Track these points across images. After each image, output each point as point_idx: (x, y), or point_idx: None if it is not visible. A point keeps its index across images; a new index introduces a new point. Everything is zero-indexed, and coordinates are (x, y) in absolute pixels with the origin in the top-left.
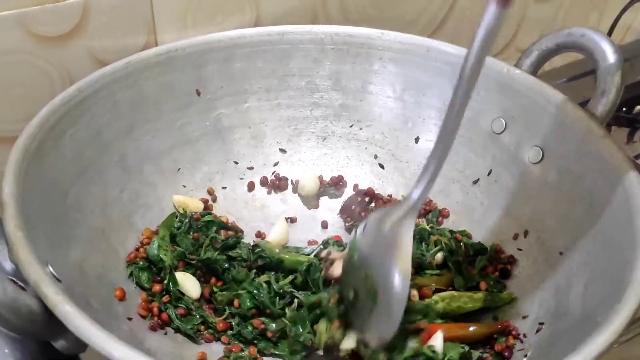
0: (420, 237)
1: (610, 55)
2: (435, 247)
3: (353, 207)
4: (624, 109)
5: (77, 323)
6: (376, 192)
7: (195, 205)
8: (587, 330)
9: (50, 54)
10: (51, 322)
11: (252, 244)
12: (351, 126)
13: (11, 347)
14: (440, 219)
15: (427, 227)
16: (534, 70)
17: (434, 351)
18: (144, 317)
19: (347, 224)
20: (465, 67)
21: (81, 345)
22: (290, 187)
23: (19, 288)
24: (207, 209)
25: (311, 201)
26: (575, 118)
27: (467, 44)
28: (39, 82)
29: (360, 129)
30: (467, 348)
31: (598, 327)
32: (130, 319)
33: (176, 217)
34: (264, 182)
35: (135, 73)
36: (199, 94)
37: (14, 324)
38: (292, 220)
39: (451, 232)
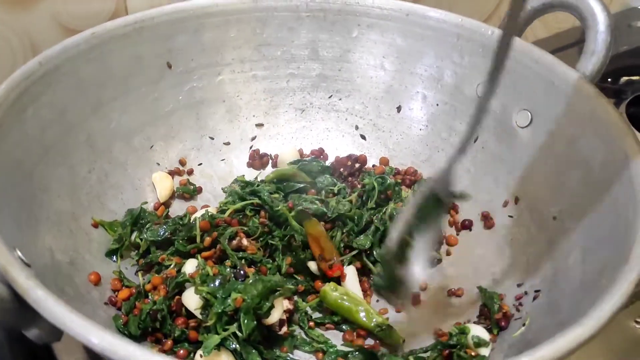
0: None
1: (599, 13)
2: None
3: (341, 169)
4: (609, 79)
5: (51, 308)
6: None
7: (169, 184)
8: (592, 295)
9: (13, 19)
10: (22, 309)
11: None
12: (330, 97)
13: None
14: None
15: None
16: (520, 32)
17: None
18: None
19: None
20: None
21: (56, 334)
22: (269, 162)
23: None
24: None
25: None
26: (564, 78)
27: (449, 7)
28: (0, 51)
29: (340, 99)
30: None
31: (605, 290)
32: (107, 304)
33: None
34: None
35: (101, 45)
36: (170, 67)
37: None
38: None
39: None
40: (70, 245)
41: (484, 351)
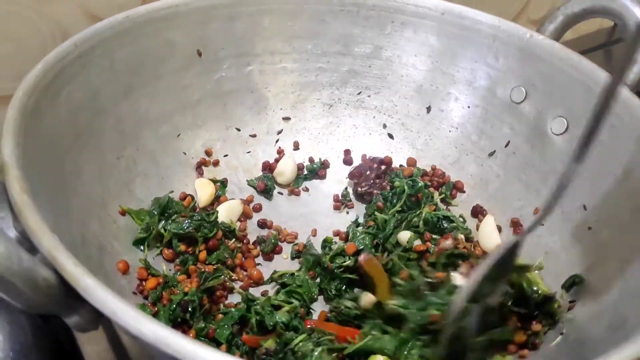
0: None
1: None
2: None
3: (368, 172)
4: None
5: (102, 297)
6: None
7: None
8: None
9: (42, 7)
10: (67, 297)
11: None
12: (359, 93)
13: (5, 331)
14: (454, 192)
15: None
16: (558, 37)
17: None
18: None
19: (359, 189)
20: None
21: (95, 322)
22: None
23: (35, 258)
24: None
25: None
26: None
27: (486, 7)
28: (30, 38)
29: (369, 96)
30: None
31: None
32: (135, 293)
33: None
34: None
35: (135, 29)
36: (200, 54)
37: (28, 298)
38: (295, 193)
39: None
40: (99, 232)
41: None
